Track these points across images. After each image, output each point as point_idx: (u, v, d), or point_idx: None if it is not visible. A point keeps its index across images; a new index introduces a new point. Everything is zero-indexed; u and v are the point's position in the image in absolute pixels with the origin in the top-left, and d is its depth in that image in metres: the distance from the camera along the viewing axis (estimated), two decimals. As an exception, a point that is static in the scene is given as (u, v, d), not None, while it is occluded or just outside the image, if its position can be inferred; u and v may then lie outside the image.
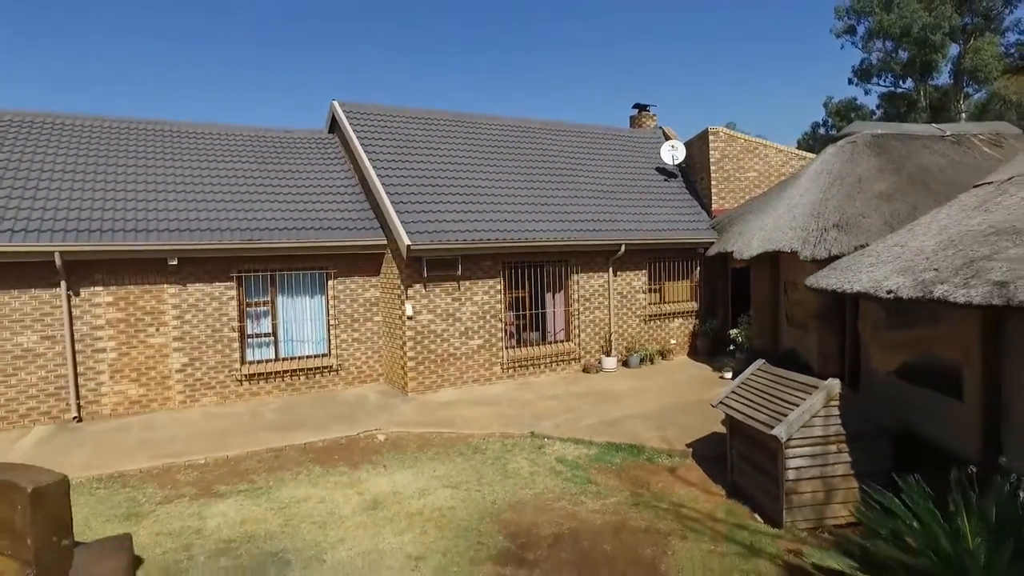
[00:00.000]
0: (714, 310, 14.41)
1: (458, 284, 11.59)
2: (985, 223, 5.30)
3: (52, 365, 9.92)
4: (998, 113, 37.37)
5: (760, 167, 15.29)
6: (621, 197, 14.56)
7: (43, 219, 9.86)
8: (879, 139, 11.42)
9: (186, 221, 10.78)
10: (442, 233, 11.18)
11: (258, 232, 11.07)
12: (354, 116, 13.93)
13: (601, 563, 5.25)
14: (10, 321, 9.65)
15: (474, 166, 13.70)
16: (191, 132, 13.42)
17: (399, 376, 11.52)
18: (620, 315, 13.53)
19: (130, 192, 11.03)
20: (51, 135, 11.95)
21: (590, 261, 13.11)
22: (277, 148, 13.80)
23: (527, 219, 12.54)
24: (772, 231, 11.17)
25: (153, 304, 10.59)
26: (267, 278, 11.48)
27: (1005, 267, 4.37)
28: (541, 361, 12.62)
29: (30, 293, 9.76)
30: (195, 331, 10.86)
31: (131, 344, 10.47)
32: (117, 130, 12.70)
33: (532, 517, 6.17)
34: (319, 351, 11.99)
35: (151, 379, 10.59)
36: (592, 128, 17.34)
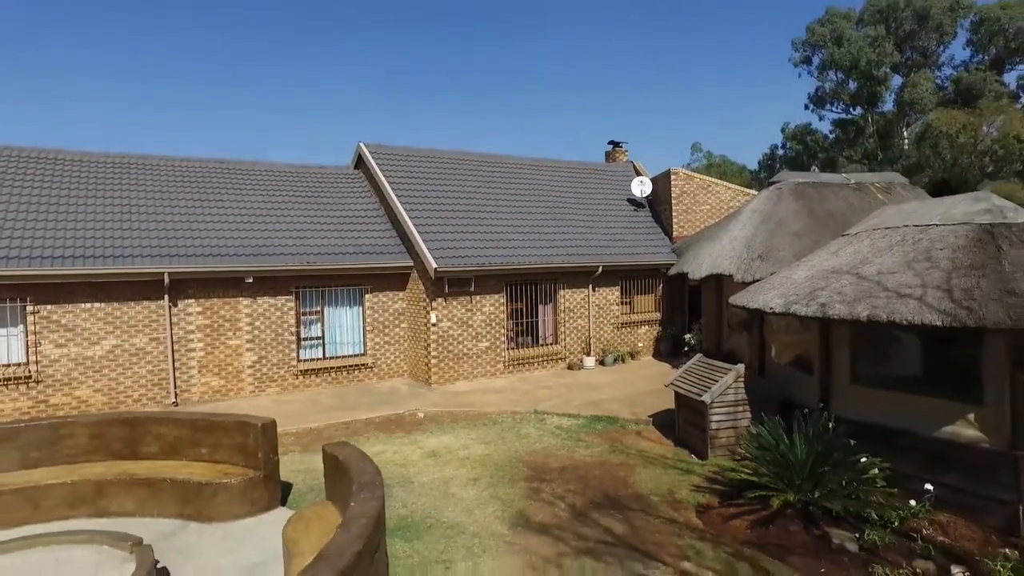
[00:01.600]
0: (674, 319, 17.60)
1: (471, 298, 14.57)
2: (830, 265, 8.47)
3: (157, 361, 12.65)
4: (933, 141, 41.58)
5: (712, 202, 18.59)
6: (598, 225, 17.70)
7: (154, 247, 12.62)
8: (799, 186, 14.76)
9: (257, 247, 13.61)
10: (459, 258, 14.17)
11: (312, 256, 13.94)
12: (378, 156, 16.88)
13: (591, 480, 8.26)
14: (128, 327, 12.37)
15: (478, 198, 16.73)
16: (247, 169, 16.25)
17: (423, 371, 14.44)
18: (598, 323, 16.63)
19: (211, 223, 13.83)
20: (149, 175, 14.72)
21: (573, 279, 16.18)
22: (315, 183, 16.66)
23: (524, 245, 15.59)
24: (717, 258, 14.39)
25: (231, 313, 13.38)
26: (318, 293, 14.32)
27: (827, 294, 7.52)
28: (535, 360, 15.65)
29: (143, 304, 12.50)
30: (262, 335, 13.66)
31: (214, 345, 13.24)
32: (193, 169, 15.52)
33: (543, 459, 9.17)
34: (357, 351, 14.85)
35: (229, 373, 13.37)
36: (573, 164, 20.53)
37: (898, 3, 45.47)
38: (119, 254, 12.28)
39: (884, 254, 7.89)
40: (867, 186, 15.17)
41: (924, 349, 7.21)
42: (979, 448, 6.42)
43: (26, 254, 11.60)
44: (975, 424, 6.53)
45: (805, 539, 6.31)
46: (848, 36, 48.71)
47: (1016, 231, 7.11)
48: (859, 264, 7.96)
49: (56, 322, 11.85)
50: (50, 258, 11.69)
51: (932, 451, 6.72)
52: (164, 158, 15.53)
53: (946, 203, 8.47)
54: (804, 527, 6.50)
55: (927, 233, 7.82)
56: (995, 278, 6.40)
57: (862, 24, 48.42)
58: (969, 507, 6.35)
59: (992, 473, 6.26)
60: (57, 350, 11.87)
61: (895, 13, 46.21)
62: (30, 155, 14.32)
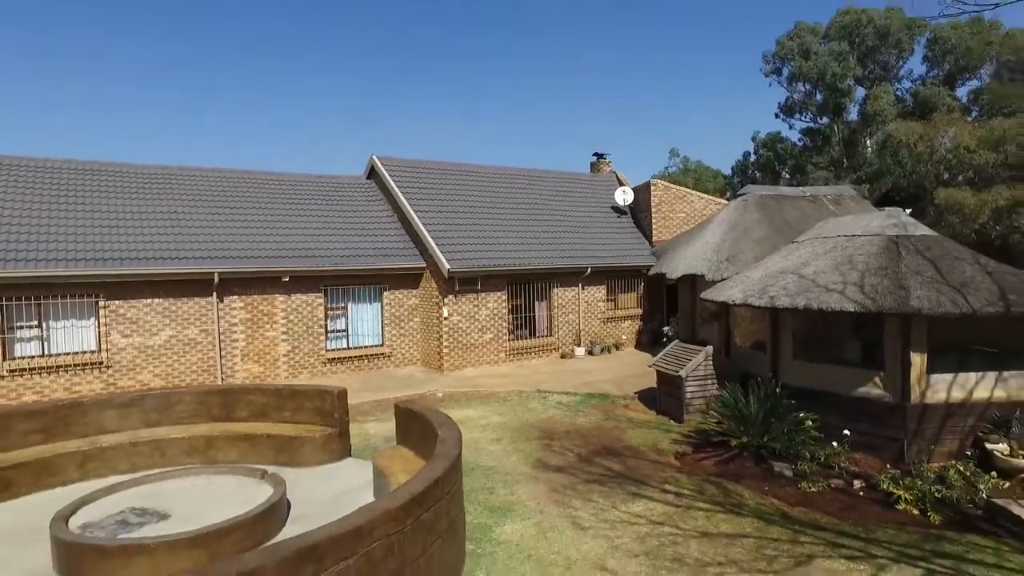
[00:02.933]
0: (653, 314, 19.80)
1: (477, 295, 16.61)
2: (779, 267, 10.67)
3: (206, 350, 14.49)
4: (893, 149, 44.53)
5: (688, 210, 20.85)
6: (586, 230, 19.86)
7: (203, 250, 14.47)
8: (762, 199, 17.05)
9: (292, 250, 15.51)
10: (467, 260, 16.19)
11: (336, 259, 15.86)
12: (391, 168, 18.85)
13: (591, 438, 10.36)
14: (182, 319, 14.20)
15: (481, 206, 18.78)
16: (274, 179, 18.12)
17: (435, 359, 16.44)
18: (587, 318, 18.77)
19: (251, 228, 15.70)
20: (193, 185, 16.57)
21: (565, 279, 18.30)
22: (333, 192, 18.57)
23: (522, 249, 17.67)
24: (691, 260, 16.61)
25: (269, 308, 15.25)
26: (343, 290, 16.26)
27: (775, 290, 9.71)
28: (532, 350, 17.74)
29: (194, 300, 14.33)
30: (295, 327, 15.55)
31: (254, 336, 15.10)
32: (229, 179, 17.39)
33: (550, 425, 11.25)
34: (376, 342, 16.80)
35: (267, 360, 15.24)
36: (564, 175, 22.69)
37: (860, 20, 48.48)
38: (175, 256, 14.11)
39: (820, 258, 10.11)
40: (820, 198, 17.52)
41: (846, 331, 9.43)
42: (881, 402, 8.65)
43: (98, 256, 13.39)
44: (879, 385, 8.76)
45: (755, 470, 8.48)
46: (815, 50, 51.59)
47: (914, 241, 9.38)
48: (801, 266, 10.17)
49: (123, 315, 13.65)
50: (118, 260, 13.49)
51: (850, 406, 8.94)
52: (203, 169, 17.38)
53: (868, 218, 10.74)
54: (755, 462, 8.67)
55: (852, 242, 10.06)
56: (893, 277, 8.63)
57: (828, 39, 51.33)
58: (874, 446, 8.57)
59: (889, 419, 8.48)
60: (123, 340, 13.67)
61: (858, 30, 49.22)
62: (93, 167, 16.13)
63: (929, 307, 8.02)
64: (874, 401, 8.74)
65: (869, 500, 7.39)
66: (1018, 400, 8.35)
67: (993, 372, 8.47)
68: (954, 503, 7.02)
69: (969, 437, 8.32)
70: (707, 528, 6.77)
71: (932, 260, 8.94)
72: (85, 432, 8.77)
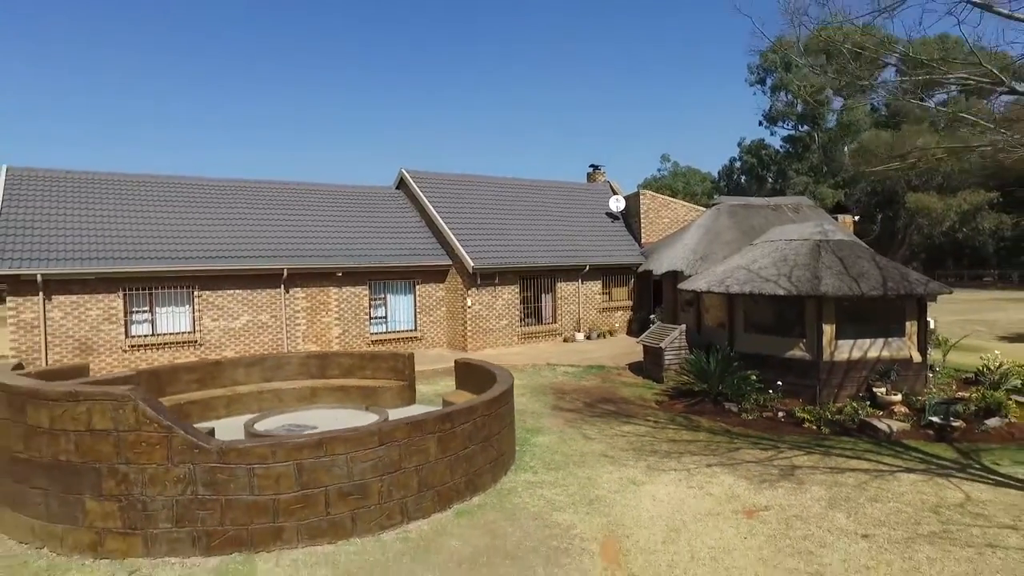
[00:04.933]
0: (642, 305, 23.12)
1: (495, 288, 19.88)
2: (736, 263, 13.96)
3: (275, 332, 17.69)
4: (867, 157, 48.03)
5: (672, 216, 24.19)
6: (585, 233, 23.16)
7: (274, 250, 17.68)
8: (732, 207, 20.40)
9: (344, 249, 18.74)
10: (487, 258, 19.46)
11: (381, 257, 19.10)
12: (418, 179, 22.10)
13: (592, 393, 13.65)
14: (256, 307, 17.40)
15: (496, 212, 22.05)
16: (322, 189, 21.34)
17: (460, 341, 19.69)
18: (585, 308, 22.07)
19: (310, 232, 18.92)
20: (260, 196, 19.76)
21: (567, 275, 21.59)
22: (371, 200, 21.81)
23: (532, 249, 20.96)
24: (673, 259, 19.94)
25: (324, 298, 18.47)
26: (383, 283, 19.49)
27: (730, 280, 13.01)
28: (539, 334, 21.01)
29: (266, 291, 17.53)
30: (346, 314, 18.77)
31: (313, 321, 18.31)
32: (291, 190, 20.62)
33: (560, 385, 14.52)
34: (410, 327, 20.05)
35: (323, 342, 18.44)
36: (565, 184, 26.01)
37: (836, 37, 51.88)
38: (251, 255, 17.32)
39: (765, 257, 13.44)
40: (782, 207, 20.89)
41: (780, 310, 12.74)
42: (803, 360, 11.97)
43: (192, 255, 16.58)
44: (802, 348, 12.08)
45: (712, 409, 11.78)
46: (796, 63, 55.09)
47: (831, 244, 12.72)
48: (751, 263, 13.49)
49: (211, 303, 16.84)
50: (208, 258, 16.68)
51: (782, 364, 12.24)
52: (271, 182, 20.66)
53: (803, 227, 14.09)
54: (712, 404, 11.97)
55: (789, 245, 13.39)
56: (812, 270, 11.97)
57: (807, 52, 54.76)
58: (797, 392, 11.87)
59: (808, 373, 11.80)
60: (212, 323, 16.86)
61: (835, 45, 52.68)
62: (188, 182, 19.44)
63: (833, 291, 11.35)
64: (798, 360, 12.06)
65: (786, 423, 10.72)
66: (896, 358, 11.70)
67: (881, 338, 11.82)
68: (840, 422, 10.35)
69: (863, 384, 11.66)
70: (674, 438, 10.08)
71: (841, 258, 12.29)
72: (225, 383, 11.99)
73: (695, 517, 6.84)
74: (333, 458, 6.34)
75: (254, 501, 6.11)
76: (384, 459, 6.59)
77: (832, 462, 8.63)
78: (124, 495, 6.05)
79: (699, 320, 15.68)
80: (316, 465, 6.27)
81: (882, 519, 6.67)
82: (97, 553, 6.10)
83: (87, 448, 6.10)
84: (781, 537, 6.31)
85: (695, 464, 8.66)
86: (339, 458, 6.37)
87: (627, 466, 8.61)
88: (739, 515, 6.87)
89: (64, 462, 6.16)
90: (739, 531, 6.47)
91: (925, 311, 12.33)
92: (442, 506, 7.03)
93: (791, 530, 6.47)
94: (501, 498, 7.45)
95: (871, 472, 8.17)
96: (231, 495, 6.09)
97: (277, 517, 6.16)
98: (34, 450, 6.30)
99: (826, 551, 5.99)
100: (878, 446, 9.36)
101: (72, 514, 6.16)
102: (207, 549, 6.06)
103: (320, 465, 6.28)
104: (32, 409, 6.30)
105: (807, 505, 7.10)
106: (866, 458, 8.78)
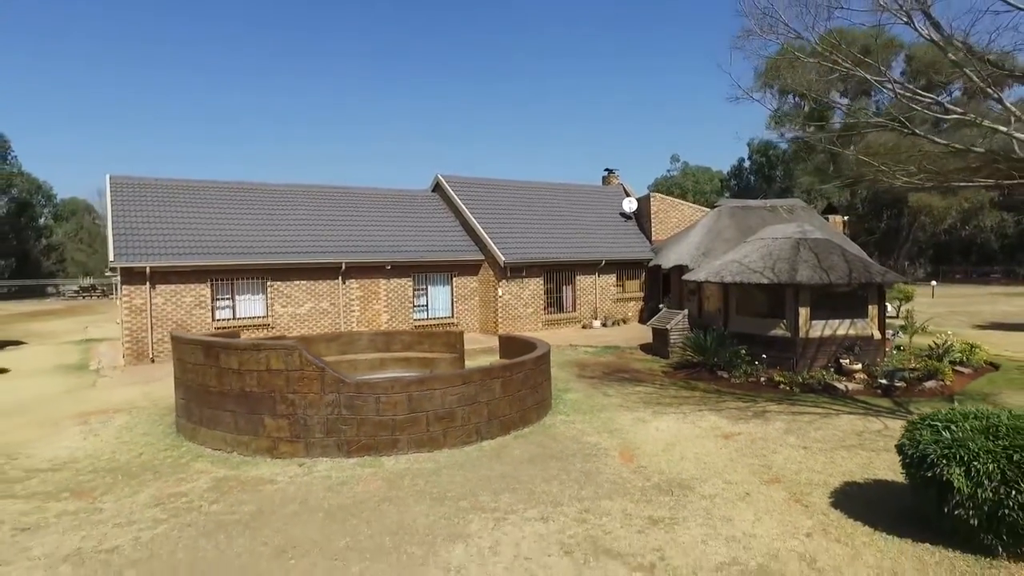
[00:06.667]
0: (652, 296, 25.72)
1: (522, 280, 22.58)
2: (730, 258, 16.54)
3: (333, 318, 20.51)
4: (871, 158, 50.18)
5: (679, 216, 26.76)
6: (601, 231, 25.80)
7: (335, 246, 20.51)
8: (732, 209, 22.95)
9: (392, 245, 21.53)
10: (516, 254, 22.16)
11: (423, 252, 21.87)
12: (453, 184, 24.85)
13: (609, 366, 16.32)
14: (318, 295, 20.22)
15: (522, 212, 24.76)
16: (371, 193, 24.16)
17: (491, 327, 22.41)
18: (601, 298, 24.71)
19: (363, 230, 21.73)
20: (320, 199, 22.59)
21: (586, 268, 24.25)
22: (412, 202, 24.59)
23: (554, 245, 23.64)
24: (680, 255, 22.53)
25: (375, 288, 21.26)
26: (424, 275, 22.26)
27: (725, 272, 15.62)
28: (561, 321, 23.70)
29: (326, 282, 20.35)
30: (393, 302, 21.56)
31: (365, 309, 21.11)
32: (347, 193, 23.47)
33: (582, 361, 17.20)
34: (447, 315, 22.81)
35: (373, 327, 21.22)
36: (583, 187, 28.67)
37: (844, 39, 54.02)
38: (315, 251, 20.14)
39: (754, 253, 16.02)
40: (777, 208, 23.40)
41: (765, 296, 15.32)
42: (784, 337, 14.56)
43: (265, 251, 19.43)
44: (783, 328, 14.67)
45: (708, 376, 14.42)
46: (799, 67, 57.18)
47: (809, 242, 15.30)
48: (742, 258, 16.08)
49: (281, 292, 19.68)
50: (279, 253, 19.52)
51: (766, 341, 14.84)
52: (330, 186, 23.58)
53: (787, 226, 16.65)
54: (708, 373, 14.61)
55: (775, 242, 15.96)
56: (791, 263, 14.56)
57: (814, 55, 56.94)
58: (778, 363, 14.45)
59: (787, 348, 14.39)
60: (281, 309, 19.71)
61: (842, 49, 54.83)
62: (256, 187, 22.30)
63: (807, 280, 13.94)
64: (779, 337, 14.67)
65: (766, 386, 13.34)
66: (860, 335, 14.29)
67: (847, 319, 14.41)
68: (809, 385, 12.96)
69: (833, 356, 14.24)
70: (675, 395, 12.75)
71: (816, 253, 14.88)
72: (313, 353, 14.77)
73: (686, 438, 9.53)
74: (431, 392, 9.09)
75: (379, 420, 8.87)
76: (465, 394, 9.33)
77: (795, 408, 11.28)
78: (291, 414, 8.83)
79: (700, 306, 18.31)
80: (420, 396, 9.02)
81: (819, 439, 9.32)
82: (272, 454, 8.88)
83: (266, 382, 8.89)
84: (746, 448, 8.98)
85: (690, 410, 11.35)
86: (435, 392, 9.11)
87: (637, 411, 11.30)
88: (718, 437, 9.55)
89: (249, 392, 8.96)
90: (717, 446, 9.15)
91: (884, 297, 14.91)
92: (504, 431, 9.77)
93: (754, 445, 9.13)
94: (544, 429, 10.17)
95: (822, 414, 10.81)
96: (363, 415, 8.85)
97: (394, 431, 8.92)
98: (226, 385, 9.11)
99: (775, 455, 8.65)
100: (834, 400, 11.99)
101: (255, 428, 8.95)
102: (348, 452, 8.82)
103: (423, 396, 9.03)
104: (225, 356, 9.10)
105: (769, 432, 9.76)
106: (822, 406, 11.41)
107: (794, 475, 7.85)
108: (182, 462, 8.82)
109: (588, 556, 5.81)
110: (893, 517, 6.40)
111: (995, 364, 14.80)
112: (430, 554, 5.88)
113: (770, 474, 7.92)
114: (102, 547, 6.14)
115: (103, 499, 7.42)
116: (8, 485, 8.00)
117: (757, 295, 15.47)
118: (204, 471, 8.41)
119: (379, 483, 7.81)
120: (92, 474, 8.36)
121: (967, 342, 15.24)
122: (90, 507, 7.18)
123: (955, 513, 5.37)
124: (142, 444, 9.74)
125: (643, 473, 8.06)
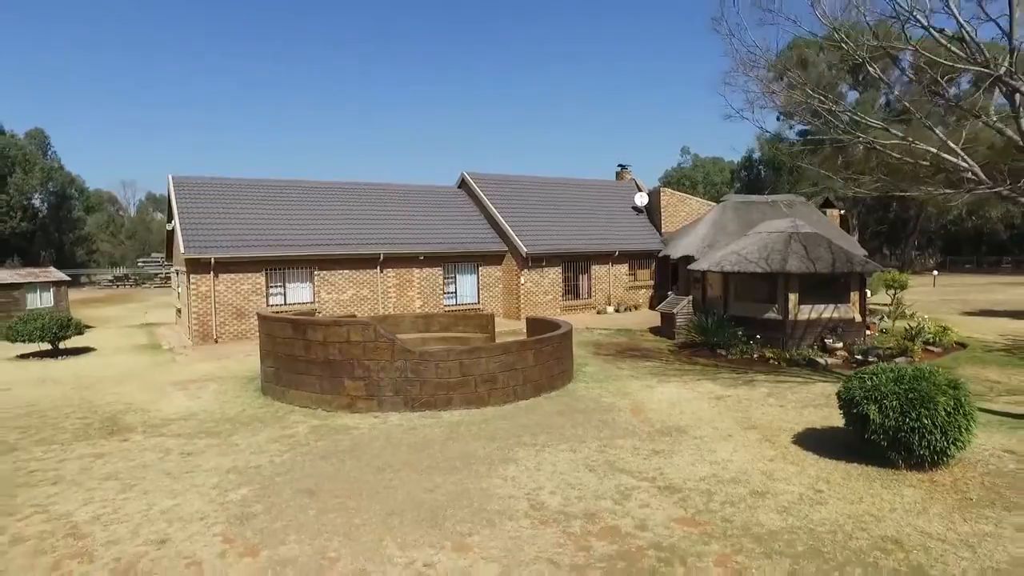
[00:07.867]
0: (662, 284, 27.72)
1: (542, 269, 24.69)
2: (731, 250, 18.50)
3: (372, 303, 22.73)
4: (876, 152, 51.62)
5: (687, 210, 28.71)
6: (614, 224, 27.82)
7: (373, 238, 22.71)
8: (736, 204, 24.89)
9: (424, 237, 23.71)
10: (536, 245, 24.25)
11: (452, 244, 24.02)
12: (478, 180, 26.96)
13: (622, 346, 18.42)
14: (359, 283, 22.45)
15: (542, 205, 26.83)
16: (403, 190, 26.33)
17: (514, 312, 24.55)
18: (615, 286, 26.77)
19: (399, 223, 23.91)
20: (363, 194, 24.84)
21: (600, 258, 26.30)
22: (440, 197, 26.74)
23: (572, 237, 25.71)
24: (687, 246, 24.51)
25: (409, 277, 23.45)
26: (453, 265, 24.42)
27: (725, 262, 17.62)
28: (577, 307, 25.81)
29: (366, 271, 22.56)
30: (425, 289, 23.75)
31: (400, 295, 23.32)
32: (384, 189, 25.63)
33: (597, 341, 19.31)
34: (473, 301, 24.98)
35: (408, 311, 23.43)
36: (598, 182, 30.68)
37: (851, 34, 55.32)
38: (356, 242, 22.35)
39: (752, 245, 18.01)
40: (778, 203, 25.29)
41: (760, 284, 17.32)
42: (775, 320, 16.58)
43: (313, 242, 21.66)
44: (775, 312, 16.68)
45: (708, 353, 16.48)
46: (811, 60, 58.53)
47: (799, 235, 17.26)
48: (741, 249, 18.08)
49: (326, 280, 21.92)
50: (325, 245, 21.75)
51: (760, 323, 16.85)
52: (368, 183, 25.82)
53: (781, 222, 18.61)
54: (709, 351, 16.66)
55: (770, 236, 17.93)
56: (783, 254, 16.55)
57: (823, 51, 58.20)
58: (771, 343, 16.47)
59: (779, 329, 16.41)
60: (327, 295, 21.95)
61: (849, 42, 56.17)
62: (303, 185, 24.55)
63: (796, 269, 15.94)
64: (772, 320, 16.69)
65: (758, 361, 15.39)
66: (844, 318, 16.29)
67: (832, 304, 16.40)
68: (795, 360, 14.99)
69: (819, 337, 16.26)
70: (679, 368, 14.84)
71: (805, 245, 16.85)
72: (362, 334, 16.99)
73: (685, 400, 11.64)
74: (478, 360, 11.26)
75: (438, 381, 11.05)
76: (504, 362, 11.48)
77: (779, 379, 13.34)
78: (366, 377, 11.03)
79: (704, 293, 20.33)
80: (469, 363, 11.19)
81: (794, 400, 11.40)
82: (351, 410, 11.09)
83: (346, 352, 11.09)
84: (733, 406, 11.08)
85: (690, 379, 13.45)
86: (481, 360, 11.28)
87: (646, 380, 13.41)
88: (712, 399, 11.65)
89: (332, 360, 11.16)
90: (709, 404, 11.25)
91: (865, 284, 16.89)
92: (535, 393, 11.92)
93: (740, 404, 11.23)
94: (568, 393, 12.32)
95: (801, 383, 12.87)
96: (425, 378, 11.03)
97: (449, 391, 11.09)
98: (312, 354, 11.32)
99: (755, 411, 10.74)
100: (815, 372, 14.04)
101: (336, 388, 11.16)
102: (412, 408, 11.01)
103: (472, 363, 11.20)
104: (311, 330, 11.32)
105: (753, 395, 11.85)
106: (803, 377, 13.47)
107: (768, 424, 9.95)
108: (279, 415, 11.05)
109: (606, 472, 7.95)
110: (835, 448, 8.49)
111: (963, 344, 16.75)
112: (492, 469, 8.06)
113: (749, 423, 10.02)
114: (249, 465, 8.36)
115: (232, 438, 9.66)
116: (157, 427, 10.29)
117: (753, 282, 17.48)
118: (300, 421, 10.63)
119: (442, 429, 9.99)
120: (214, 423, 10.62)
121: (941, 325, 17.19)
122: (226, 443, 9.42)
123: (871, 439, 7.45)
124: (240, 403, 12.00)
125: (648, 422, 10.19)
